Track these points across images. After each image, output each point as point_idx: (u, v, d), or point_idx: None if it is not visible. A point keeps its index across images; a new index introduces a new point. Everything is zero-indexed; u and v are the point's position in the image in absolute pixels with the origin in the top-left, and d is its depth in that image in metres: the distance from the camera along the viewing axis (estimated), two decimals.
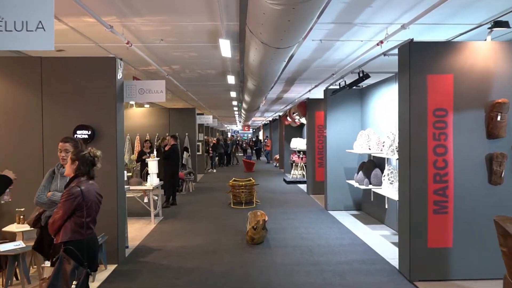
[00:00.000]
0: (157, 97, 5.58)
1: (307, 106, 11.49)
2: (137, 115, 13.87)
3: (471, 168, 4.53)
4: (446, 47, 4.58)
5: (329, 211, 8.76)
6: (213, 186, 13.41)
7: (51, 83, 5.18)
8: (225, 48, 6.57)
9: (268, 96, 14.03)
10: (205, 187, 13.23)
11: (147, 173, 8.31)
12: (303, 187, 12.67)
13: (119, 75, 5.29)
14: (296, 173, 14.42)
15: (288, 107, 17.44)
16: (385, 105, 7.46)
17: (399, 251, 4.89)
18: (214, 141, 21.28)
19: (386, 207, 7.14)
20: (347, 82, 7.49)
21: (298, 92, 13.52)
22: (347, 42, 6.75)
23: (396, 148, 5.83)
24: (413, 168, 4.52)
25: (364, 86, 8.69)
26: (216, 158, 20.94)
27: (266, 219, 6.60)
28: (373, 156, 7.70)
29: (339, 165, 8.87)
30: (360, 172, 7.52)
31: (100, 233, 5.00)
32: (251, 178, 10.70)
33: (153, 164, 8.12)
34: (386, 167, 6.72)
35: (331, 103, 8.89)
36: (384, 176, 6.65)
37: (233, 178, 10.56)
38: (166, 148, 9.74)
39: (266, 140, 27.22)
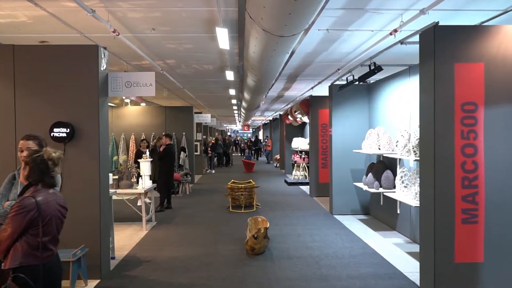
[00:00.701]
0: (146, 91, 4.97)
1: (310, 104, 10.90)
2: (132, 114, 13.32)
3: (504, 170, 3.93)
4: (476, 32, 3.97)
5: (335, 216, 8.17)
6: (211, 188, 12.82)
7: (25, 74, 4.57)
8: (223, 38, 5.99)
9: (269, 94, 13.48)
10: (202, 189, 12.64)
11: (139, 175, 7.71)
12: (305, 188, 12.09)
13: (103, 66, 4.70)
14: (298, 174, 13.83)
15: (289, 106, 16.86)
16: (396, 101, 6.87)
17: (421, 265, 4.28)
18: (212, 141, 20.69)
19: (398, 212, 6.54)
20: (355, 77, 6.90)
21: (300, 90, 12.95)
22: (356, 32, 6.16)
23: (413, 148, 5.24)
24: (437, 171, 3.93)
25: (371, 81, 8.11)
26: (215, 159, 20.34)
27: (268, 226, 6.01)
28: (383, 157, 7.12)
29: (345, 166, 8.29)
30: (370, 174, 6.92)
31: (80, 244, 4.43)
32: (251, 180, 10.11)
33: (145, 166, 7.52)
34: (399, 169, 6.13)
35: (336, 100, 8.30)
36: (397, 179, 6.05)
37: (232, 180, 9.97)
38: (161, 149, 9.14)
39: (266, 140, 26.62)
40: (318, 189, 10.63)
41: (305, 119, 12.71)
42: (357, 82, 6.92)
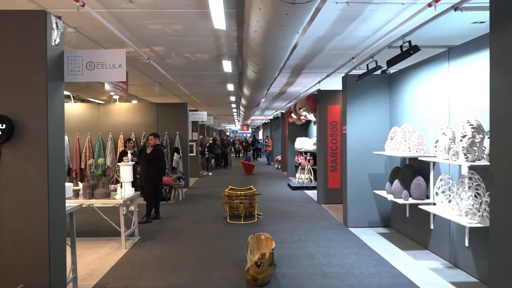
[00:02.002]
0: (114, 74, 3.78)
1: (317, 99, 9.72)
2: (121, 111, 12.18)
3: None
4: None
5: (350, 228, 6.98)
6: (208, 193, 11.62)
7: None
8: (218, 13, 4.81)
9: (270, 91, 12.29)
10: (198, 194, 11.43)
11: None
12: (311, 194, 10.91)
13: (55, 41, 3.50)
14: (302, 177, 12.64)
15: (291, 103, 15.69)
16: (429, 92, 5.67)
17: None
18: (210, 141, 19.49)
19: (432, 227, 5.37)
20: (379, 63, 5.74)
21: (305, 85, 11.77)
22: (382, 6, 4.97)
23: (463, 150, 4.05)
24: None
25: (392, 71, 6.92)
26: (212, 160, 19.15)
27: (274, 246, 4.82)
28: (410, 160, 5.94)
29: (362, 171, 7.09)
30: (396, 181, 5.73)
31: (21, 280, 3.24)
32: (251, 186, 8.92)
33: (125, 170, 6.32)
34: (434, 175, 4.95)
35: (352, 93, 7.11)
36: (434, 188, 4.87)
37: (230, 186, 8.77)
38: (148, 151, 7.93)
39: (266, 140, 25.42)
40: (326, 195, 9.45)
41: (311, 116, 11.53)
42: (379, 71, 5.75)
